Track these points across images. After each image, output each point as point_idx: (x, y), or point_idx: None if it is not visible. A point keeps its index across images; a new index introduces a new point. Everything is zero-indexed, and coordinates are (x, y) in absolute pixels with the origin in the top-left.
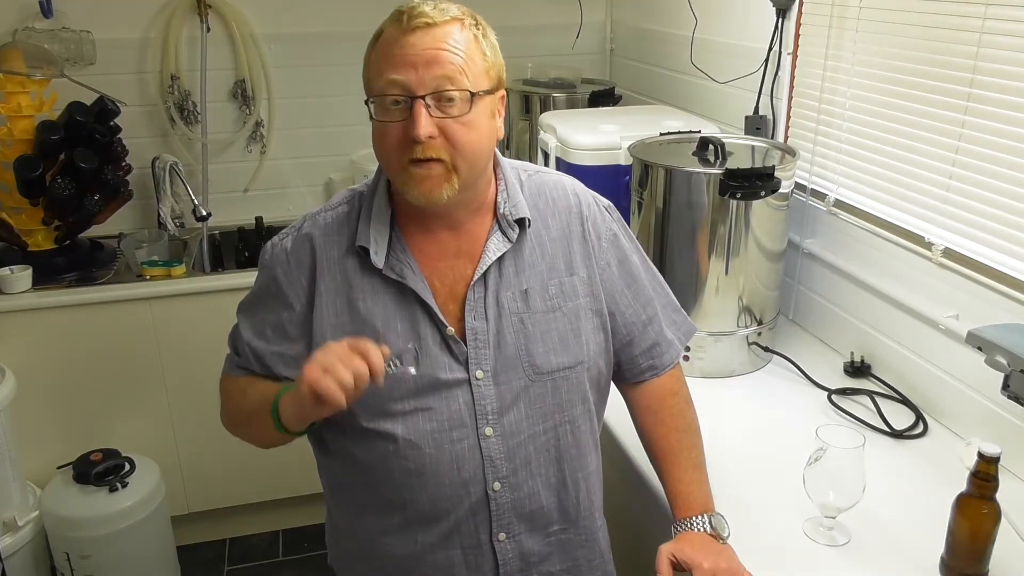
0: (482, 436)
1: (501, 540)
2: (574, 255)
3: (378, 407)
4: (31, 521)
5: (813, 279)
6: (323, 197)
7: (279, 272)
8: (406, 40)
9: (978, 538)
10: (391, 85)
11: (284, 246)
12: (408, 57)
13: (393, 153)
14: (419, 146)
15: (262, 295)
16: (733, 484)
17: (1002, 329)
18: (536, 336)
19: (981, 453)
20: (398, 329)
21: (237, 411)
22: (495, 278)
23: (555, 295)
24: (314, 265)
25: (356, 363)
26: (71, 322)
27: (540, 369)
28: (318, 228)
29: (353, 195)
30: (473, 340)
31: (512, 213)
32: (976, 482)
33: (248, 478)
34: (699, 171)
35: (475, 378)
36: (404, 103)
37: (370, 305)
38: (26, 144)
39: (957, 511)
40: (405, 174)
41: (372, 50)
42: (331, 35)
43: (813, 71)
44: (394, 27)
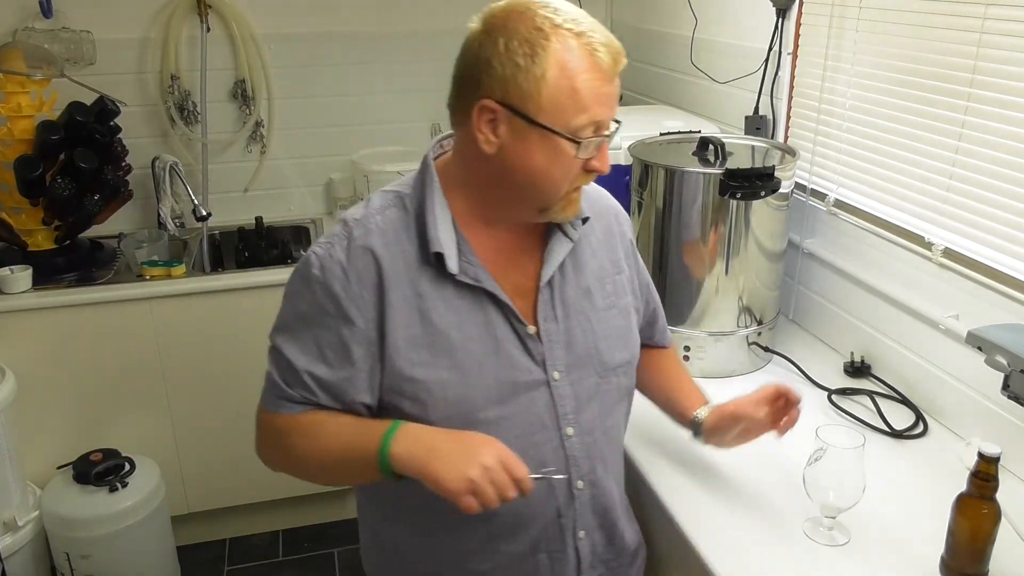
0: (564, 437)
1: (581, 538)
2: (618, 253)
3: (461, 419)
4: (31, 521)
5: (813, 279)
6: (323, 197)
7: (336, 287)
8: (613, 78)
9: (978, 538)
10: (594, 125)
11: (337, 259)
12: (612, 96)
13: (567, 182)
14: (591, 177)
15: (313, 314)
16: (733, 484)
17: (1002, 329)
18: (601, 334)
19: (981, 453)
20: (473, 335)
21: (313, 455)
22: (558, 278)
23: (611, 292)
24: (380, 278)
25: (509, 492)
26: (71, 322)
27: (607, 366)
28: (375, 236)
29: (398, 198)
30: (548, 341)
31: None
32: (976, 482)
33: (248, 478)
34: (699, 171)
35: (553, 379)
36: (595, 139)
37: (443, 313)
38: (26, 144)
39: (957, 511)
40: (564, 200)
41: (561, 74)
42: (331, 35)
43: (813, 71)
44: (600, 58)
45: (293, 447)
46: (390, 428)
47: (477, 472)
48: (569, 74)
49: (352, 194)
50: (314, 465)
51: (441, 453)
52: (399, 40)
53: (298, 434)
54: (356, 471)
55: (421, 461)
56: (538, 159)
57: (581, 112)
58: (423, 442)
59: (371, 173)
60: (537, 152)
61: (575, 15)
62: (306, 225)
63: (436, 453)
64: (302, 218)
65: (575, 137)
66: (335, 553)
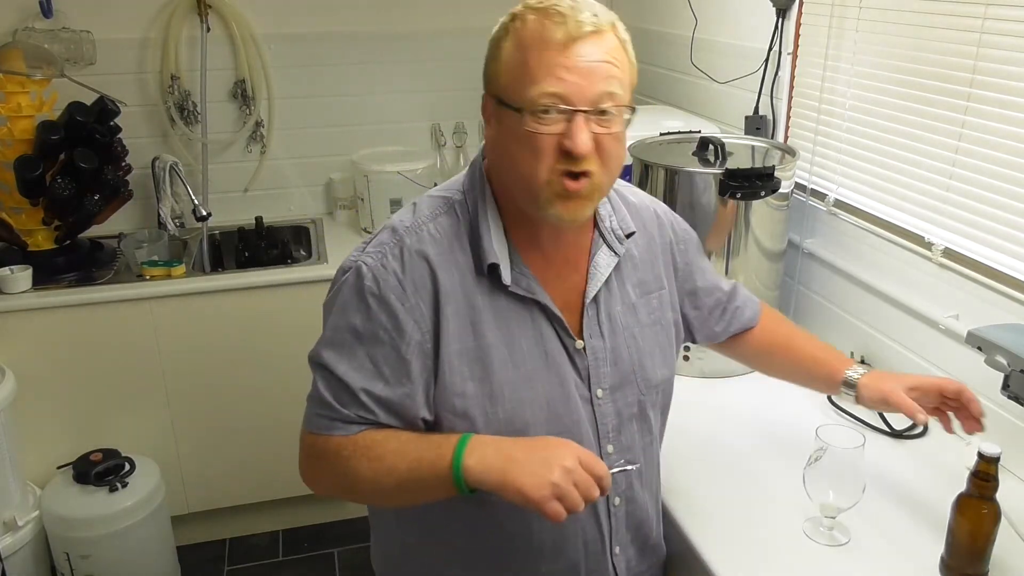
0: (604, 454)
1: (616, 554)
2: (659, 268)
3: (512, 436)
4: (31, 521)
5: (813, 279)
6: (323, 197)
7: (393, 300)
8: (571, 50)
9: (978, 538)
10: (550, 97)
11: (392, 269)
12: (572, 68)
13: (542, 163)
14: (575, 160)
15: (368, 329)
16: (733, 484)
17: (1002, 329)
18: (646, 351)
19: (981, 453)
20: (524, 348)
21: (378, 476)
22: (604, 293)
23: (656, 308)
24: (436, 288)
25: (592, 492)
26: (71, 322)
27: (650, 383)
28: (429, 245)
29: (449, 204)
30: (593, 359)
31: (621, 227)
32: (976, 482)
33: (248, 478)
34: (699, 171)
35: (596, 397)
36: (560, 114)
37: (495, 327)
38: (26, 144)
39: (957, 511)
40: (550, 189)
41: (515, 49)
42: (331, 35)
43: (813, 71)
44: (553, 30)
45: (351, 470)
46: (461, 441)
47: (559, 475)
48: (522, 48)
49: (352, 194)
50: (376, 487)
51: (519, 461)
52: (399, 40)
53: (356, 456)
54: (426, 489)
55: (498, 472)
56: (511, 142)
57: (531, 84)
58: (499, 452)
59: (371, 173)
60: (509, 134)
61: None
62: (306, 225)
63: (514, 462)
64: (302, 218)
65: (524, 107)
66: (335, 553)
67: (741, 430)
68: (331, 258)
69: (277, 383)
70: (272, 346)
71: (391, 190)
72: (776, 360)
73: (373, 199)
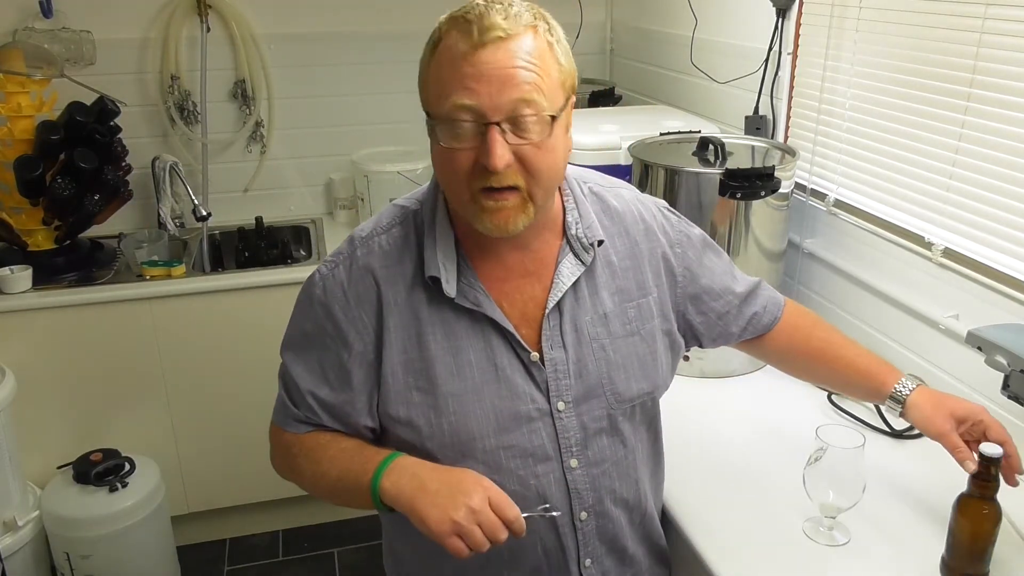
0: (567, 468)
1: (587, 566)
2: (645, 274)
3: (459, 448)
4: (31, 521)
5: (813, 279)
6: (323, 197)
7: (336, 310)
8: (476, 57)
9: (979, 538)
10: (460, 110)
11: (339, 279)
12: (479, 77)
13: (463, 181)
14: (494, 175)
15: (316, 335)
16: (733, 484)
17: (1002, 329)
18: (618, 363)
19: (982, 453)
20: (471, 361)
21: (315, 478)
22: (571, 303)
23: (634, 318)
24: (379, 301)
25: (499, 534)
26: (71, 322)
27: (622, 397)
28: (376, 257)
29: (405, 215)
30: (553, 371)
31: (587, 236)
32: (976, 482)
33: (248, 478)
34: (699, 171)
35: (557, 410)
36: (475, 127)
37: (440, 339)
38: (26, 144)
39: (958, 511)
40: (476, 205)
41: (431, 61)
42: (331, 35)
43: (813, 71)
44: (460, 39)
45: (297, 466)
46: (384, 460)
47: (462, 514)
48: (436, 61)
49: (352, 194)
50: (314, 486)
51: (429, 491)
52: (399, 40)
53: (301, 454)
54: (351, 499)
55: (408, 497)
56: (436, 158)
57: (443, 98)
58: (413, 478)
59: (371, 173)
60: (434, 150)
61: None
62: (306, 225)
63: (424, 491)
64: (302, 218)
65: (439, 123)
66: (335, 553)
67: (741, 430)
68: None
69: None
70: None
71: (391, 190)
72: (809, 366)
73: (373, 199)
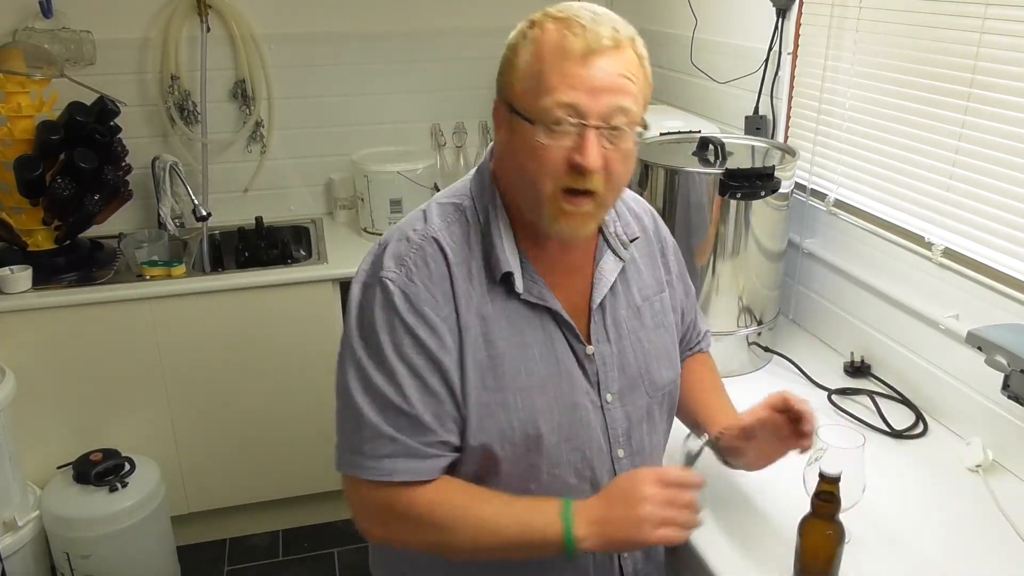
0: (616, 459)
1: (624, 558)
2: (660, 271)
3: (526, 443)
4: (31, 521)
5: (813, 279)
6: (323, 197)
7: (427, 310)
8: (589, 61)
9: (824, 558)
10: (563, 108)
11: (421, 280)
12: (588, 81)
13: (548, 177)
14: (581, 177)
15: (409, 345)
16: (732, 484)
17: (1002, 329)
18: (652, 353)
19: (822, 473)
20: (536, 356)
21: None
22: (609, 298)
23: (659, 311)
24: (455, 298)
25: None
26: (71, 322)
27: (657, 386)
28: (446, 254)
29: (460, 211)
30: (602, 363)
31: (626, 233)
32: (818, 503)
33: (248, 478)
34: (699, 171)
35: (606, 401)
36: (572, 128)
37: (506, 336)
38: (26, 144)
39: (801, 533)
40: (554, 205)
41: (532, 57)
42: (331, 35)
43: (813, 71)
44: (572, 40)
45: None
46: (565, 513)
47: (647, 509)
48: (539, 57)
49: (352, 194)
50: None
51: (612, 518)
52: (399, 40)
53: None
54: (530, 552)
55: (597, 535)
56: (520, 151)
57: (545, 94)
58: (597, 517)
59: (371, 173)
60: (519, 143)
61: (577, 6)
62: (306, 225)
63: (607, 523)
64: (302, 218)
65: (536, 118)
66: (335, 553)
67: None
68: (331, 258)
69: (277, 383)
70: (272, 346)
71: (391, 190)
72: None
73: (373, 199)
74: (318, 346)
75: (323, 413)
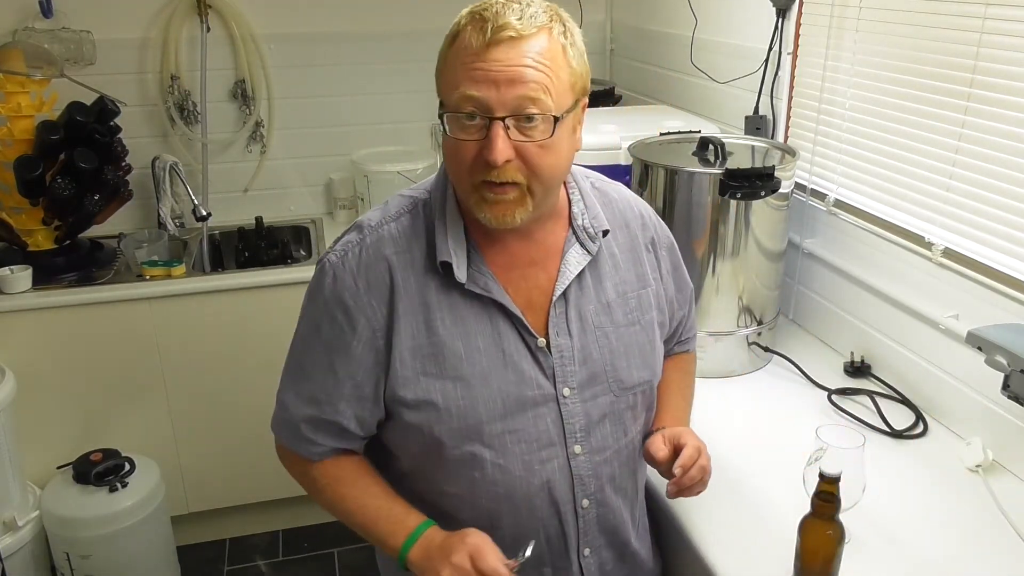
0: (571, 455)
1: (586, 556)
2: (644, 267)
3: (466, 432)
4: (31, 521)
5: (813, 279)
6: (323, 197)
7: (347, 298)
8: (488, 53)
9: (823, 559)
10: (467, 101)
11: (350, 267)
12: (488, 73)
13: (465, 172)
14: (494, 170)
15: (327, 338)
16: (733, 484)
17: (1002, 329)
18: (620, 351)
19: (822, 473)
20: (480, 346)
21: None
22: (575, 291)
23: (634, 308)
24: (391, 287)
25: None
26: (71, 322)
27: (624, 384)
28: (388, 244)
29: (414, 203)
30: (559, 357)
31: (593, 226)
32: (818, 503)
33: (248, 478)
34: (699, 171)
35: (562, 396)
36: (481, 121)
37: (449, 325)
38: (26, 144)
39: (801, 533)
40: (477, 195)
41: (447, 54)
42: (331, 35)
43: (813, 71)
44: (475, 35)
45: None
46: (415, 531)
47: (448, 572)
48: (452, 53)
49: (352, 194)
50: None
51: (430, 557)
52: (399, 40)
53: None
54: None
55: (418, 569)
56: (446, 146)
57: (453, 88)
58: (424, 550)
59: (371, 173)
60: (445, 138)
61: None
62: (306, 225)
63: (429, 559)
64: (302, 218)
65: (444, 111)
66: (335, 553)
67: (741, 430)
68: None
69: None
70: (272, 346)
71: (391, 190)
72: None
73: (373, 199)
74: None
75: None
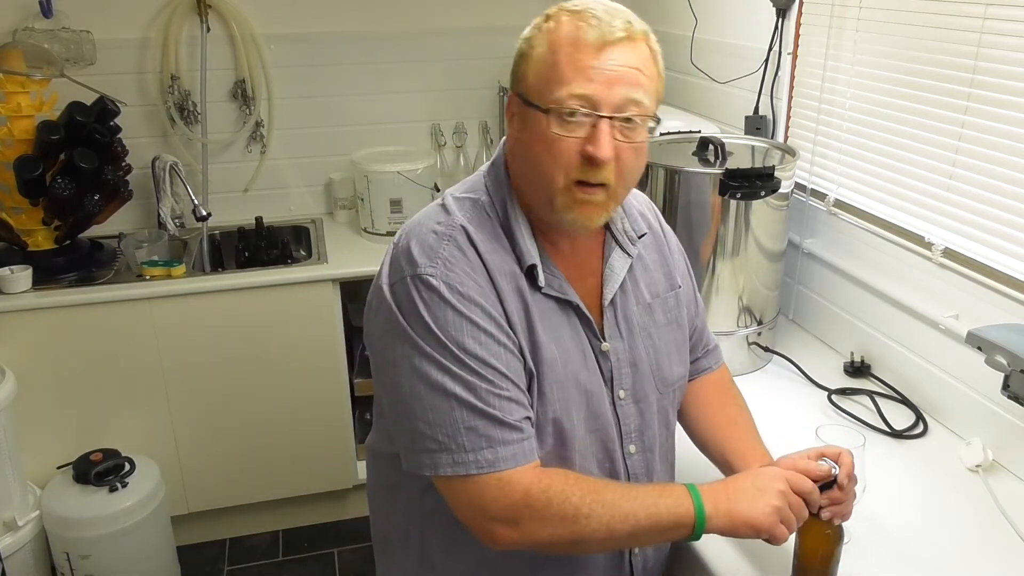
0: (627, 454)
1: (635, 554)
2: (671, 268)
3: (558, 437)
4: (31, 521)
5: (813, 279)
6: (323, 197)
7: (476, 296)
8: (603, 52)
9: (822, 559)
10: (577, 99)
11: (462, 269)
12: (603, 72)
13: (560, 170)
14: (594, 169)
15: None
16: None
17: (1002, 329)
18: (663, 350)
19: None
20: (568, 348)
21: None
22: (620, 295)
23: (672, 307)
24: (494, 284)
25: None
26: (71, 322)
27: (667, 382)
28: (480, 244)
29: (479, 206)
30: (615, 360)
31: (634, 229)
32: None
33: (248, 478)
34: (699, 171)
35: (618, 397)
36: (585, 119)
37: (546, 325)
38: (26, 144)
39: (800, 533)
40: (567, 195)
41: (546, 49)
42: (331, 35)
43: (813, 71)
44: (587, 32)
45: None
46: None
47: (781, 501)
48: (553, 49)
49: (352, 194)
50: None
51: (741, 494)
52: (399, 40)
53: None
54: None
55: (725, 513)
56: (533, 143)
57: (560, 85)
58: (720, 494)
59: (371, 173)
60: (532, 135)
61: (592, 1)
62: (306, 225)
63: (737, 501)
64: (302, 218)
65: (550, 109)
66: (335, 553)
67: None
68: (331, 258)
69: (277, 383)
70: (272, 346)
71: (391, 190)
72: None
73: (373, 199)
74: (318, 346)
75: (323, 413)
